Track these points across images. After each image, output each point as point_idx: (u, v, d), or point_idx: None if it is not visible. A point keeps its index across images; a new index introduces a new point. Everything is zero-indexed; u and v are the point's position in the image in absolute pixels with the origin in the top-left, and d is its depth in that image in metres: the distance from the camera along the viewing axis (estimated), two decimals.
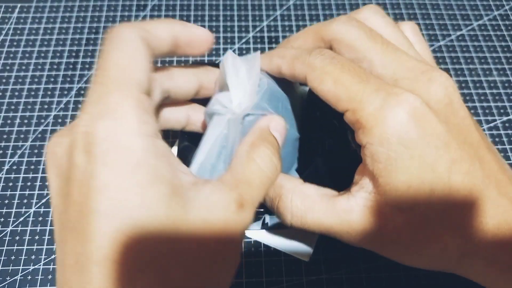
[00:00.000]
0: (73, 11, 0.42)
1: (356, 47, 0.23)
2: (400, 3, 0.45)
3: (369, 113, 0.20)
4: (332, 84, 0.22)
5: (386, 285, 0.30)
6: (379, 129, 0.20)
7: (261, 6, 0.44)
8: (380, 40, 0.23)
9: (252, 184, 0.20)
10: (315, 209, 0.23)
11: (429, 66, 0.22)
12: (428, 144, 0.20)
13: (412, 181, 0.20)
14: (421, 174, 0.20)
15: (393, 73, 0.22)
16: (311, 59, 0.22)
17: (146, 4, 0.43)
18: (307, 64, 0.23)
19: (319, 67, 0.22)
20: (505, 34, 0.43)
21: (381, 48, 0.23)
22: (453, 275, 0.31)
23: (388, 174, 0.21)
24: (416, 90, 0.21)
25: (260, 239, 0.31)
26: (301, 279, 0.30)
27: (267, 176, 0.21)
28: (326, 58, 0.22)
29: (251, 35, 0.42)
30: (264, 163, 0.21)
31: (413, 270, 0.31)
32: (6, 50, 0.39)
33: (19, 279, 0.29)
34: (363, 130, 0.21)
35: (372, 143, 0.21)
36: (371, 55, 0.23)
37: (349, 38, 0.23)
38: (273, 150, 0.21)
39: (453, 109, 0.22)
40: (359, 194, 0.22)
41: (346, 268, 0.31)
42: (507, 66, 0.41)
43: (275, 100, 0.25)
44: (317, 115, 0.29)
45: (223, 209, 0.19)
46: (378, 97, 0.20)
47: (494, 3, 0.45)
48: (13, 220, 0.31)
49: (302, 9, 0.44)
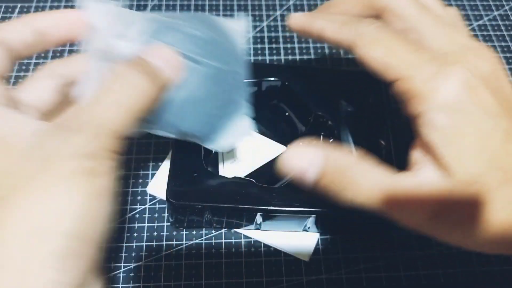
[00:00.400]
0: None
1: (408, 17, 0.24)
2: None
3: (423, 81, 0.21)
4: (383, 51, 0.22)
5: (386, 285, 0.30)
6: (435, 96, 0.20)
7: (261, 6, 0.44)
8: (431, 14, 0.24)
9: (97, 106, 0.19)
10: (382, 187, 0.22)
11: (476, 43, 0.23)
12: (483, 113, 0.20)
13: (472, 149, 0.20)
14: (479, 141, 0.20)
15: (441, 46, 0.23)
16: (363, 26, 0.23)
17: (146, 4, 0.43)
18: (357, 31, 0.23)
19: (370, 34, 0.22)
20: (505, 34, 0.43)
21: (432, 21, 0.23)
22: (453, 275, 0.31)
23: (447, 142, 0.21)
24: (465, 64, 0.21)
25: (260, 239, 0.31)
26: (301, 279, 0.30)
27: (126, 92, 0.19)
28: (377, 26, 0.22)
29: (251, 35, 0.42)
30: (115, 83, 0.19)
31: (413, 270, 0.31)
32: None
33: None
34: (416, 99, 0.21)
35: (428, 110, 0.21)
36: (422, 27, 0.23)
37: (401, 8, 0.24)
38: (136, 69, 0.20)
39: (500, 85, 0.22)
40: (421, 171, 0.22)
41: (346, 268, 0.30)
42: (507, 66, 0.41)
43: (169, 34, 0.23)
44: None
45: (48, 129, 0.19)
46: (432, 66, 0.21)
47: (494, 3, 0.45)
48: None
49: (302, 9, 0.44)
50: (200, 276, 0.30)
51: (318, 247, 0.31)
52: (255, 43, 0.41)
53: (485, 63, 0.22)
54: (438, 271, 0.31)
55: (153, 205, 0.32)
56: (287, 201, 0.27)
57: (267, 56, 0.40)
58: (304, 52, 0.41)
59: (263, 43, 0.41)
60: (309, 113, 0.31)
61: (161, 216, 0.32)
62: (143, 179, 0.33)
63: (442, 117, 0.21)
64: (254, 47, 0.41)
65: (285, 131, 0.33)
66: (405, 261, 0.31)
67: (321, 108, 0.31)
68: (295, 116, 0.33)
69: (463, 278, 0.31)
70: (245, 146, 0.32)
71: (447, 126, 0.21)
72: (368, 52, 0.22)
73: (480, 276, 0.31)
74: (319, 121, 0.31)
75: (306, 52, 0.41)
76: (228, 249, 0.31)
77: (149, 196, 0.33)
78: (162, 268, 0.30)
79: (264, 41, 0.41)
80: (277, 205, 0.27)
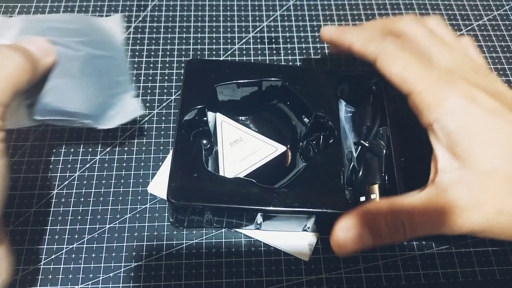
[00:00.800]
0: (73, 11, 0.42)
1: (419, 41, 0.28)
2: (400, 3, 0.45)
3: (434, 94, 0.25)
4: (401, 67, 0.26)
5: (386, 285, 0.30)
6: (443, 106, 0.24)
7: (261, 6, 0.44)
8: (439, 40, 0.29)
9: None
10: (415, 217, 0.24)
11: (475, 63, 0.28)
12: (486, 114, 0.24)
13: (486, 144, 0.23)
14: (491, 136, 0.24)
15: (448, 66, 0.27)
16: (386, 43, 0.27)
17: (146, 4, 0.43)
18: (380, 47, 0.27)
19: (391, 51, 0.27)
20: (505, 34, 0.43)
21: (439, 46, 0.28)
22: (453, 275, 0.31)
23: (461, 141, 0.24)
24: (467, 79, 0.25)
25: (260, 239, 0.31)
26: (301, 279, 0.30)
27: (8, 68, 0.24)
28: (398, 45, 0.27)
29: (251, 35, 0.42)
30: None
31: (412, 269, 0.31)
32: None
33: (19, 279, 0.29)
34: (429, 109, 0.25)
35: (440, 117, 0.24)
36: (431, 49, 0.28)
37: (415, 34, 0.29)
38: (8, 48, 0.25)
39: (502, 95, 0.26)
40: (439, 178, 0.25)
41: (346, 268, 0.31)
42: (507, 66, 0.41)
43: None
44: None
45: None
46: (440, 82, 0.25)
47: (494, 3, 0.45)
48: (13, 220, 0.31)
49: (302, 9, 0.44)
50: (200, 275, 0.30)
51: (318, 247, 0.31)
52: (255, 43, 0.41)
53: (484, 79, 0.26)
54: (438, 271, 0.31)
55: (154, 205, 0.32)
56: (287, 201, 0.27)
57: (267, 56, 0.40)
58: (304, 52, 0.41)
59: (263, 43, 0.41)
60: (309, 113, 0.31)
61: (161, 216, 0.32)
62: (143, 179, 0.33)
63: (451, 122, 0.24)
64: (254, 47, 0.41)
65: (285, 131, 0.34)
66: (405, 261, 0.31)
67: (321, 109, 0.31)
68: (295, 116, 0.33)
69: (463, 278, 0.31)
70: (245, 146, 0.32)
71: (459, 127, 0.24)
72: (388, 66, 0.26)
73: (480, 276, 0.31)
74: (319, 121, 0.31)
75: (306, 52, 0.41)
76: (228, 249, 0.31)
77: (149, 196, 0.33)
78: (163, 267, 0.30)
79: (264, 41, 0.41)
80: (277, 206, 0.27)
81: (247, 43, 0.41)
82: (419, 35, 0.29)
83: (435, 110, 0.25)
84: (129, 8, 0.43)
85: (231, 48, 0.41)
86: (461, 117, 0.24)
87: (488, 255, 0.31)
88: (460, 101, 0.24)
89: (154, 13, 0.43)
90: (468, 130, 0.24)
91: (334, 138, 0.30)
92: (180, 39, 0.41)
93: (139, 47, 0.40)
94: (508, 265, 0.31)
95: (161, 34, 0.41)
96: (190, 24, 0.42)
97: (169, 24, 0.42)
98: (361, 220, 0.24)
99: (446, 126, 0.24)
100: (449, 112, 0.24)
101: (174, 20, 0.42)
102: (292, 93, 0.32)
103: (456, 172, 0.24)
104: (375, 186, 0.28)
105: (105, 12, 0.42)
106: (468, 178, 0.24)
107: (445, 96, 0.25)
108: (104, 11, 0.42)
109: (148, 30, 0.41)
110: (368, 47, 0.28)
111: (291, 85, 0.32)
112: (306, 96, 0.31)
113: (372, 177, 0.29)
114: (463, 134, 0.24)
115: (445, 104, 0.24)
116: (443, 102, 0.24)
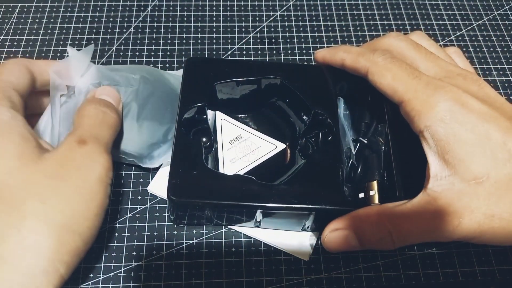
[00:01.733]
0: (73, 11, 0.42)
1: (406, 54, 0.29)
2: (400, 3, 0.45)
3: (423, 101, 0.25)
4: (391, 78, 0.26)
5: (386, 285, 0.30)
6: (434, 111, 0.24)
7: (261, 7, 0.44)
8: (424, 51, 0.29)
9: (84, 126, 0.27)
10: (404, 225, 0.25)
11: (463, 70, 0.28)
12: (476, 119, 0.24)
13: (475, 151, 0.24)
14: (480, 141, 0.24)
15: (434, 75, 0.27)
16: (375, 56, 0.28)
17: (146, 4, 0.43)
18: (370, 60, 0.28)
19: (381, 63, 0.27)
20: (505, 34, 0.43)
21: (425, 56, 0.29)
22: (453, 275, 0.31)
23: (451, 148, 0.24)
24: (455, 85, 0.26)
25: (260, 238, 0.31)
26: (301, 279, 0.30)
27: (98, 118, 0.28)
28: (387, 57, 0.27)
29: (251, 35, 0.42)
30: (88, 111, 0.28)
31: (412, 269, 0.31)
32: (6, 50, 0.40)
33: None
34: (419, 116, 0.25)
35: (430, 124, 0.25)
36: (417, 60, 0.28)
37: (401, 47, 0.29)
38: (98, 104, 0.29)
39: (491, 99, 0.26)
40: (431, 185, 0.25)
41: (346, 268, 0.31)
42: (507, 66, 0.41)
43: (108, 78, 0.32)
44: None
45: (66, 147, 0.26)
46: (428, 90, 0.25)
47: (494, 3, 0.45)
48: None
49: (302, 9, 0.44)
50: (200, 275, 0.30)
51: (318, 247, 0.31)
52: (255, 43, 0.41)
53: (473, 85, 0.27)
54: (438, 271, 0.31)
55: (154, 205, 0.32)
56: (286, 198, 0.27)
57: (267, 56, 0.40)
58: (304, 52, 0.41)
59: (263, 43, 0.41)
60: (308, 111, 0.31)
61: (161, 216, 0.32)
62: (143, 178, 0.33)
63: (442, 128, 0.24)
64: (254, 47, 0.41)
65: (285, 129, 0.34)
66: (405, 260, 0.31)
67: (320, 106, 0.31)
68: (294, 113, 0.33)
69: (462, 278, 0.31)
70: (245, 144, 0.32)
71: (449, 134, 0.24)
72: (379, 79, 0.27)
73: (480, 276, 0.31)
74: (318, 119, 0.31)
75: (306, 52, 0.41)
76: (228, 249, 0.31)
77: (149, 196, 0.33)
78: (163, 267, 0.30)
79: (264, 41, 0.41)
80: (277, 202, 0.27)
81: (247, 43, 0.41)
82: (404, 48, 0.29)
83: (425, 118, 0.25)
84: (129, 8, 0.43)
85: (231, 48, 0.41)
86: (451, 123, 0.24)
87: (488, 255, 0.31)
88: (449, 106, 0.24)
89: (154, 13, 0.43)
90: (458, 136, 0.24)
91: (333, 135, 0.30)
92: (180, 39, 0.41)
93: (139, 47, 0.40)
94: (508, 265, 0.31)
95: (161, 34, 0.41)
96: (190, 24, 0.42)
97: (169, 24, 0.42)
98: (349, 223, 0.26)
99: (436, 133, 0.24)
100: (439, 119, 0.24)
101: (174, 20, 0.42)
102: (291, 91, 0.32)
103: (447, 179, 0.24)
104: (374, 182, 0.28)
105: (105, 12, 0.42)
106: (458, 185, 0.24)
107: (434, 102, 0.25)
108: (104, 11, 0.42)
109: (148, 30, 0.41)
110: (358, 61, 0.29)
111: (290, 83, 0.32)
112: (305, 93, 0.31)
113: (370, 174, 0.29)
114: (453, 140, 0.24)
115: (434, 110, 0.24)
116: (432, 109, 0.25)
